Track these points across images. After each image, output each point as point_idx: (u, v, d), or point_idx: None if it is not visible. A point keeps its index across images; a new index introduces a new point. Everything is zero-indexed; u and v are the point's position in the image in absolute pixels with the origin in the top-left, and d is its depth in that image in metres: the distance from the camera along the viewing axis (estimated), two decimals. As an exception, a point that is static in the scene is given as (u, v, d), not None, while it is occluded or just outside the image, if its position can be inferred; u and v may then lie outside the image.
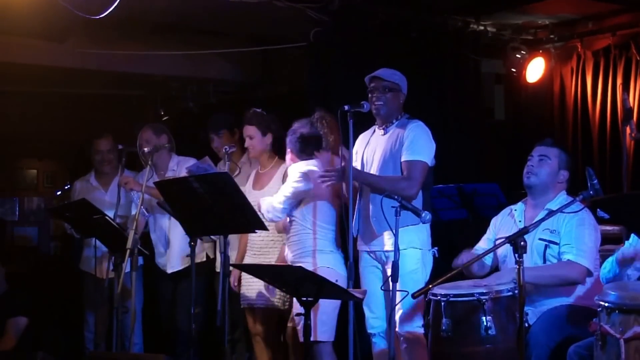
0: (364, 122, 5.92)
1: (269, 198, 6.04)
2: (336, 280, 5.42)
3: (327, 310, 5.84)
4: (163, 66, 8.51)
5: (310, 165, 6.00)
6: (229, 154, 6.43)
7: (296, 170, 6.00)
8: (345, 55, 7.70)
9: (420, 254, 5.67)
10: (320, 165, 5.98)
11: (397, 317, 5.61)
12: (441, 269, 5.46)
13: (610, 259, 4.97)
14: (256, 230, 5.92)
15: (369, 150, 5.86)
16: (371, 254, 5.79)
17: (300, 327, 5.70)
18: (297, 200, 6.00)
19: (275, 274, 5.28)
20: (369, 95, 5.77)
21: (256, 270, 5.75)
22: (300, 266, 5.09)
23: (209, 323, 6.86)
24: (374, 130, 5.90)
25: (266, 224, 5.83)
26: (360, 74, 5.88)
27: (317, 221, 6.00)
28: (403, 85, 5.83)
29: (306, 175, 5.97)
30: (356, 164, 5.89)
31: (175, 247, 7.05)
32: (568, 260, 5.19)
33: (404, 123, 5.77)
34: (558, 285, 5.23)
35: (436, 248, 5.72)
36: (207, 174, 5.89)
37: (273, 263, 6.26)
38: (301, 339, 5.49)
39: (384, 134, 5.81)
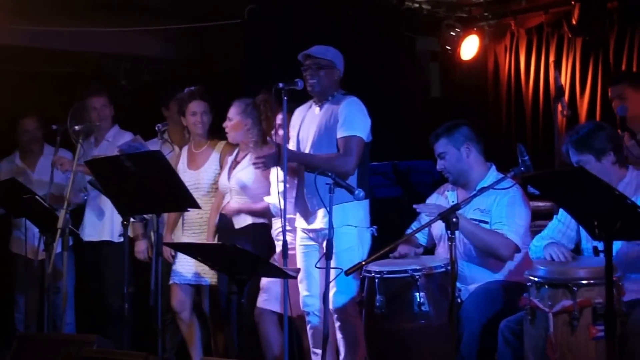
0: (303, 99, 5.91)
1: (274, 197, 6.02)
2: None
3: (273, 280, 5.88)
4: (95, 43, 8.38)
5: None
6: (162, 132, 6.38)
7: None
8: (280, 32, 7.66)
9: (357, 231, 5.66)
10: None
11: (331, 295, 5.61)
12: (376, 247, 5.48)
13: (540, 244, 5.01)
14: (189, 209, 5.88)
15: (305, 126, 5.85)
16: (307, 232, 5.78)
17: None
18: None
19: (208, 253, 5.24)
20: (303, 73, 5.75)
21: (189, 249, 5.72)
22: (233, 244, 5.07)
23: (143, 302, 6.81)
24: (310, 106, 5.89)
25: (200, 202, 5.80)
26: (296, 51, 5.85)
27: None
28: (337, 62, 5.80)
29: None
30: (292, 139, 5.88)
31: (108, 222, 7.02)
32: (501, 232, 5.24)
33: (339, 99, 5.75)
34: (484, 251, 5.27)
35: (375, 227, 5.72)
36: (139, 152, 5.84)
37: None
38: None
39: (320, 110, 5.80)
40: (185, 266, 6.49)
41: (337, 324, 5.66)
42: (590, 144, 4.85)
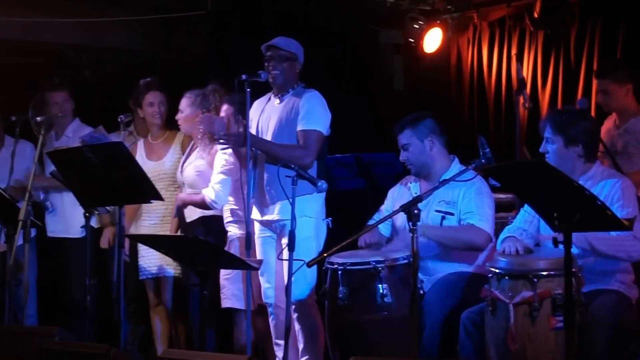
0: (262, 90, 5.90)
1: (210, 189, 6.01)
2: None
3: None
4: (59, 34, 8.31)
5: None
6: (124, 123, 6.36)
7: (221, 155, 6.01)
8: (243, 23, 7.64)
9: (314, 222, 5.66)
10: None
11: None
12: (338, 239, 5.48)
13: (501, 238, 5.05)
14: (151, 200, 5.86)
15: (264, 118, 5.83)
16: (266, 224, 5.78)
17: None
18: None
19: (169, 244, 5.23)
20: (266, 64, 5.74)
21: (150, 241, 5.70)
22: (195, 236, 5.06)
23: (105, 295, 6.79)
24: (270, 98, 5.88)
25: (163, 193, 5.80)
26: (259, 42, 5.84)
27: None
28: (299, 54, 5.81)
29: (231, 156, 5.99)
30: (251, 131, 5.86)
31: (70, 215, 6.97)
32: (471, 224, 5.27)
33: (300, 92, 5.75)
34: (461, 249, 5.32)
35: (330, 219, 5.72)
36: (101, 143, 5.81)
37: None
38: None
39: (280, 103, 5.79)
40: (151, 259, 6.47)
41: (294, 315, 5.66)
42: (566, 128, 4.88)
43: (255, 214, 5.79)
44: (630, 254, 4.62)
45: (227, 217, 6.07)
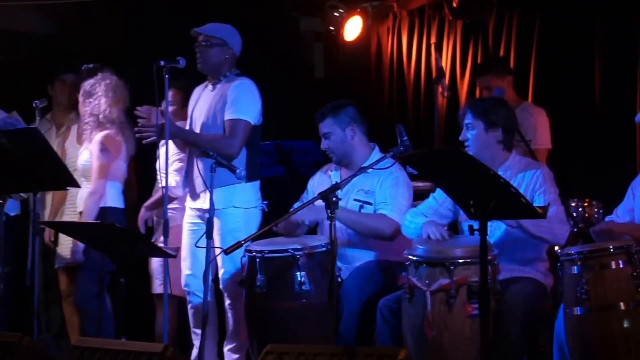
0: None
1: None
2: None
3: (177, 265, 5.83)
4: (-29, 18, 8.15)
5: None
6: (40, 109, 6.25)
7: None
8: (163, 8, 7.56)
9: (242, 212, 5.63)
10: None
11: (220, 275, 5.63)
12: (260, 226, 5.48)
13: (417, 223, 5.08)
14: (68, 188, 5.78)
15: (199, 105, 5.79)
16: (195, 211, 5.75)
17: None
18: None
19: (86, 232, 5.17)
20: (195, 49, 5.70)
21: (67, 228, 5.62)
22: (112, 223, 5.00)
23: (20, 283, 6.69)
24: (206, 85, 5.83)
25: (80, 182, 5.73)
26: (178, 27, 5.78)
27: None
28: (231, 41, 5.74)
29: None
30: (188, 117, 5.86)
31: None
32: (383, 214, 5.29)
33: (231, 80, 5.70)
34: (369, 235, 5.33)
35: (265, 202, 5.69)
36: (15, 129, 5.71)
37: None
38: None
39: (213, 90, 5.75)
40: (67, 247, 6.38)
41: (227, 302, 5.66)
42: (486, 113, 4.96)
43: (188, 201, 5.77)
44: (557, 236, 4.69)
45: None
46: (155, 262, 6.12)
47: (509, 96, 6.41)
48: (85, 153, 6.13)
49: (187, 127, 5.82)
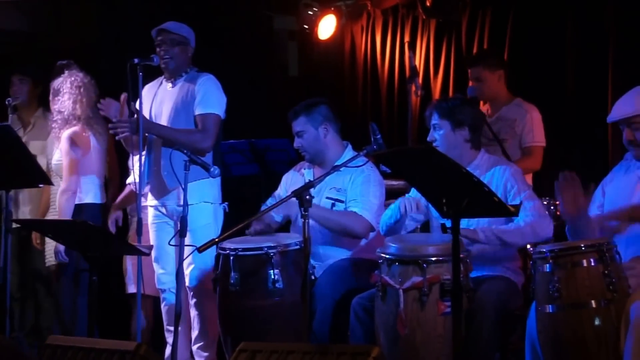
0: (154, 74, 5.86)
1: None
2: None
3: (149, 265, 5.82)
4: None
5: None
6: (12, 106, 6.23)
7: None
8: (137, 6, 7.53)
9: (212, 208, 5.66)
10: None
11: (187, 272, 5.61)
12: (232, 224, 5.46)
13: (392, 206, 5.10)
14: (40, 185, 5.76)
15: (157, 103, 5.78)
16: (162, 209, 5.73)
17: None
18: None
19: (59, 230, 5.15)
20: (157, 49, 5.69)
21: (39, 226, 5.60)
22: (85, 221, 4.98)
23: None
24: (161, 83, 5.82)
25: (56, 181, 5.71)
26: (153, 25, 5.77)
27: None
28: (191, 39, 5.77)
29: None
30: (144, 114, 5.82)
31: None
32: (354, 212, 5.30)
33: (194, 76, 5.72)
34: (339, 233, 5.34)
35: (226, 203, 5.71)
36: (-12, 126, 5.68)
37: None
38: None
39: (173, 87, 5.75)
40: (51, 247, 6.37)
41: (192, 301, 5.65)
42: (452, 112, 4.98)
43: (150, 199, 5.74)
44: (541, 235, 4.71)
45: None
46: (127, 262, 6.10)
47: (500, 91, 6.43)
48: (57, 153, 6.12)
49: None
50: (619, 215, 4.54)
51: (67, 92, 6.10)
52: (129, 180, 6.00)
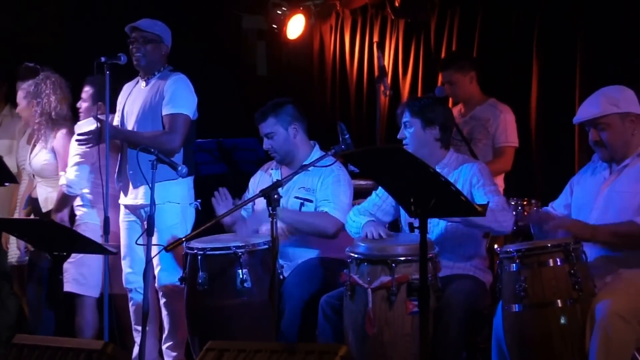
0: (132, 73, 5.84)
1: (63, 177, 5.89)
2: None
3: (91, 263, 5.79)
4: None
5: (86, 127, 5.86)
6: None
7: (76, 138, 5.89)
8: (104, 4, 7.50)
9: (180, 208, 5.64)
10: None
11: (156, 272, 5.60)
12: (199, 224, 5.45)
13: (359, 221, 5.11)
14: (6, 184, 5.72)
15: (130, 101, 5.77)
16: (131, 208, 5.72)
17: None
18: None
19: (25, 228, 5.11)
20: (130, 46, 5.67)
21: (5, 225, 5.56)
22: (51, 220, 4.95)
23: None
24: (137, 81, 5.81)
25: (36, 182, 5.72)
26: (120, 23, 5.75)
27: None
28: (165, 37, 5.75)
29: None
30: (117, 114, 5.82)
31: None
32: (325, 212, 5.30)
33: (166, 75, 5.70)
34: (311, 234, 5.34)
35: (199, 201, 5.70)
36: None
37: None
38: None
39: (146, 86, 5.73)
40: (14, 246, 6.35)
41: (162, 301, 5.65)
42: (424, 111, 5.00)
43: (122, 198, 5.73)
44: (502, 224, 4.71)
45: (77, 201, 5.99)
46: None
47: (474, 92, 6.46)
48: (42, 154, 6.07)
49: (117, 123, 5.80)
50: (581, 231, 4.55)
51: (50, 92, 6.06)
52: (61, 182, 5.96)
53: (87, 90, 6.03)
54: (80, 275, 5.83)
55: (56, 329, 5.76)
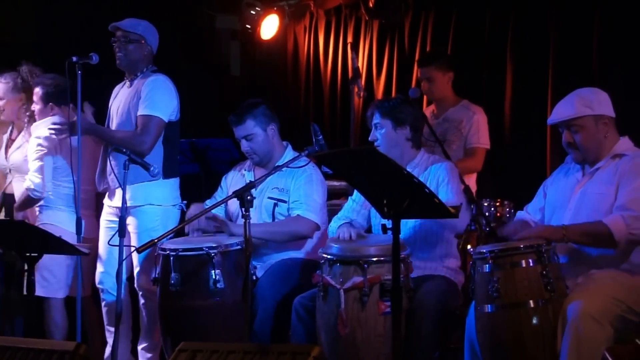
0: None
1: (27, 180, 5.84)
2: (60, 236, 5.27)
3: (53, 265, 5.74)
4: None
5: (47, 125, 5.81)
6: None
7: (34, 140, 5.84)
8: (76, 3, 7.46)
9: (161, 210, 5.61)
10: (61, 120, 5.79)
11: (135, 273, 5.60)
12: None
13: (336, 226, 5.12)
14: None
15: (116, 102, 5.76)
16: (111, 209, 5.70)
17: None
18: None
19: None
20: (113, 45, 5.65)
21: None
22: (23, 221, 4.92)
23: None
24: (125, 82, 5.79)
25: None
26: (92, 22, 5.72)
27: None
28: (148, 37, 5.72)
29: (45, 141, 5.83)
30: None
31: None
32: (297, 215, 5.30)
33: (147, 76, 5.68)
34: (289, 241, 5.34)
35: (184, 202, 5.68)
36: None
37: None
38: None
39: (129, 87, 5.71)
40: None
41: (141, 301, 5.64)
42: (393, 112, 5.05)
43: (105, 198, 5.75)
44: (456, 226, 4.76)
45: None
46: None
47: (448, 93, 6.49)
48: (24, 149, 6.02)
49: (106, 124, 5.79)
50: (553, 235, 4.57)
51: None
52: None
53: (37, 92, 5.98)
54: (42, 278, 5.76)
55: (25, 332, 5.74)
